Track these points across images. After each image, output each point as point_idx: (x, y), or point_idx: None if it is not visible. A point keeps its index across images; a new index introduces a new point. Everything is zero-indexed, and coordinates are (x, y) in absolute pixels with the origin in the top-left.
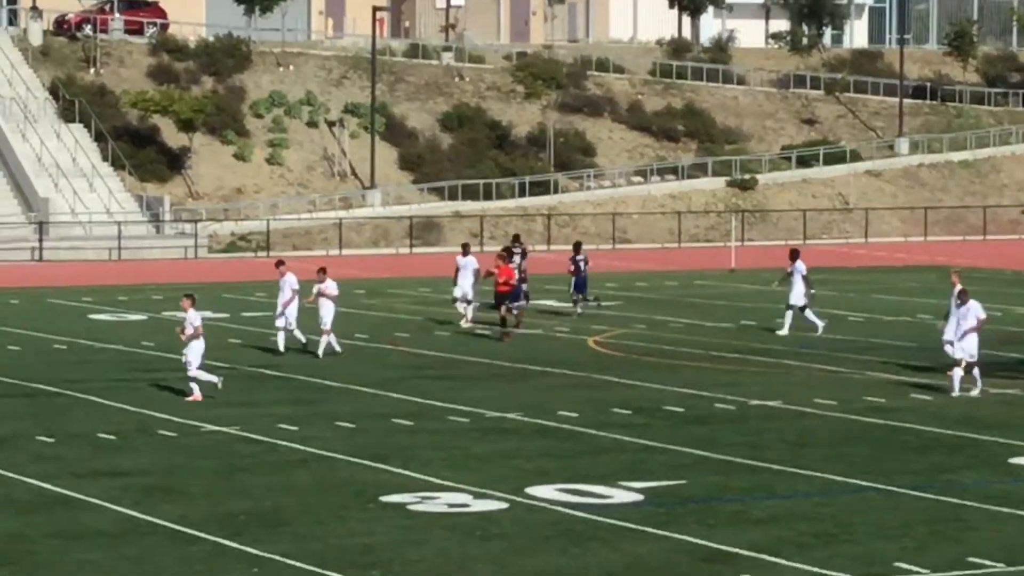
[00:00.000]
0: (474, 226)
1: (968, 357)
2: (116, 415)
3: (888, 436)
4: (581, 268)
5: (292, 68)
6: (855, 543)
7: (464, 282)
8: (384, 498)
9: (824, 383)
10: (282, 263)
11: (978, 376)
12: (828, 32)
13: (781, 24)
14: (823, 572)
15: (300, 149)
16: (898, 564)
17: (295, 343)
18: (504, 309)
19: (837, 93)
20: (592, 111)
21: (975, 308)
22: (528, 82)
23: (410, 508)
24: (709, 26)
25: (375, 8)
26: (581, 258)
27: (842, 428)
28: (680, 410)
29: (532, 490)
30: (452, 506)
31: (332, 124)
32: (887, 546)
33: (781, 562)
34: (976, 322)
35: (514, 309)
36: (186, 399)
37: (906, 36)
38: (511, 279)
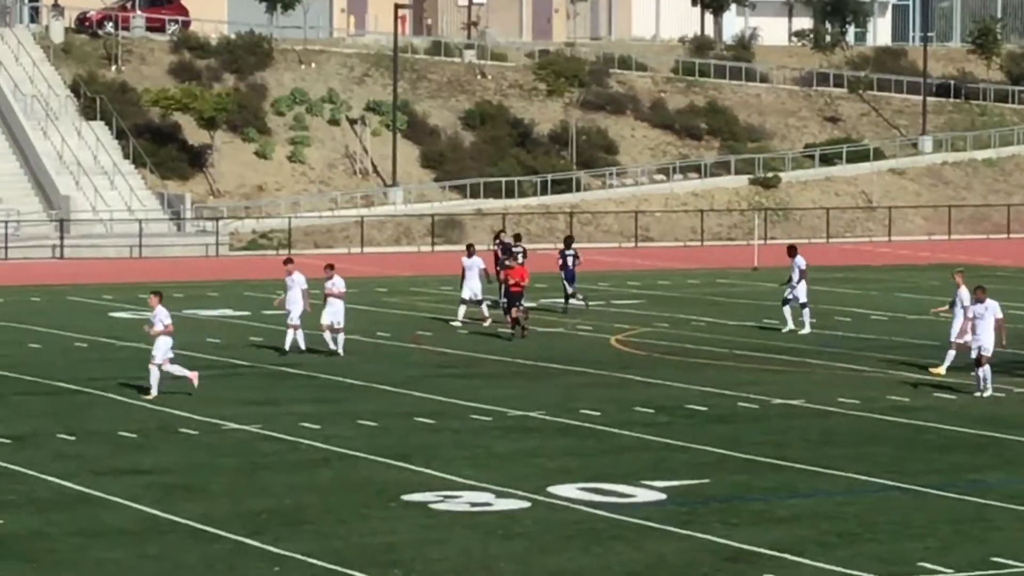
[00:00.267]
0: (496, 224)
1: (984, 352)
2: (137, 413)
3: (911, 435)
4: (569, 263)
5: (314, 66)
6: (879, 543)
7: (472, 283)
8: (406, 497)
9: (847, 382)
10: (290, 261)
11: (989, 376)
12: (851, 30)
13: (804, 22)
14: (846, 572)
15: (322, 147)
16: (922, 564)
17: (295, 346)
18: (516, 311)
19: (860, 91)
20: (614, 109)
21: (993, 307)
22: (550, 80)
23: (432, 507)
24: (732, 24)
25: (397, 5)
26: (570, 253)
27: (865, 427)
28: (703, 409)
29: (554, 489)
30: (474, 505)
31: (354, 122)
32: (911, 546)
33: (804, 561)
34: (995, 321)
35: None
36: (144, 397)
37: (929, 34)
38: (523, 280)
